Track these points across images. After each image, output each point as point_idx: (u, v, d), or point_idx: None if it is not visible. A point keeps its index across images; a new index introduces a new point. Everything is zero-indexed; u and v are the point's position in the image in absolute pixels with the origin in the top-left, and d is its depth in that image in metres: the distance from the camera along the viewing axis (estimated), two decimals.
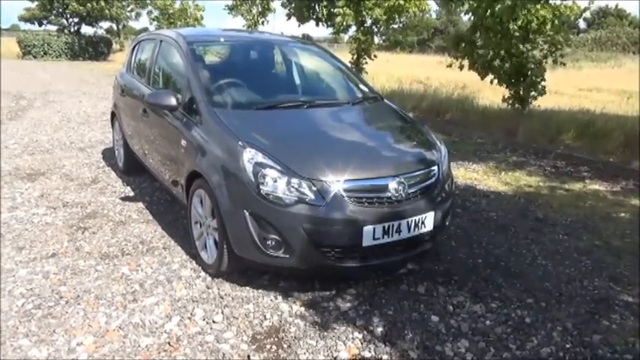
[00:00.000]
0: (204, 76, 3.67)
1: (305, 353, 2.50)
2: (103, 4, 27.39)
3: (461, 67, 8.71)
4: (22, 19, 29.82)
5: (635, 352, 2.60)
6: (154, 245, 3.69)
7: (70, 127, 8.12)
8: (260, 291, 3.06)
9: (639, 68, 15.29)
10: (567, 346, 2.63)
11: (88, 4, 27.01)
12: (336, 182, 2.80)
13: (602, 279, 3.36)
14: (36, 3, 28.46)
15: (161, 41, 4.47)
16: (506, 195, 5.14)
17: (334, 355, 2.49)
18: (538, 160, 6.65)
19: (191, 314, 2.79)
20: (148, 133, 4.31)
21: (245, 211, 2.82)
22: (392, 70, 17.44)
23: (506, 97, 8.61)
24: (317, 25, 14.07)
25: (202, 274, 3.25)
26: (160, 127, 3.97)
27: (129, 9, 30.10)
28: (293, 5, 13.73)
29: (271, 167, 2.83)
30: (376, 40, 13.81)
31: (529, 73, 8.04)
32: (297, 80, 4.50)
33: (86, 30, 30.32)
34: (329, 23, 13.75)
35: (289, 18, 13.99)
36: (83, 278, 3.16)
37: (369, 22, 13.50)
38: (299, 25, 13.96)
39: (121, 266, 3.34)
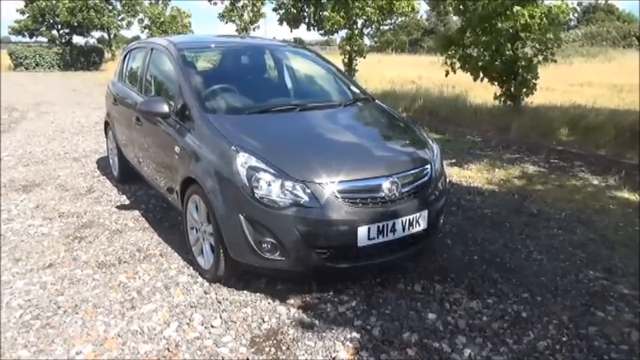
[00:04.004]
0: (195, 82, 3.68)
1: (304, 354, 2.51)
2: (93, 14, 27.36)
3: (453, 70, 8.74)
4: (12, 31, 29.67)
5: (630, 342, 2.63)
6: (150, 252, 3.69)
7: (63, 137, 8.11)
8: (257, 294, 3.07)
9: (639, 62, 15.27)
10: (563, 339, 2.65)
11: (79, 15, 26.98)
12: (330, 184, 2.81)
13: (597, 272, 3.38)
14: (26, 15, 28.37)
15: (152, 49, 4.48)
16: (501, 192, 5.17)
17: (333, 356, 2.50)
18: (531, 156, 6.69)
19: (189, 320, 2.80)
20: (141, 141, 4.31)
21: (240, 215, 2.84)
22: (384, 72, 17.47)
23: (497, 94, 8.67)
24: (308, 29, 14.16)
25: (200, 279, 3.26)
26: (154, 134, 3.98)
27: (119, 17, 30.06)
28: (284, 11, 13.83)
29: (265, 171, 2.84)
30: (367, 41, 13.89)
31: (520, 70, 8.10)
32: (289, 84, 4.53)
33: (77, 40, 30.19)
34: (320, 27, 13.84)
35: (281, 23, 14.08)
36: (81, 287, 3.16)
37: (359, 23, 13.58)
38: (291, 30, 14.06)
39: (119, 274, 3.34)
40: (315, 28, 13.94)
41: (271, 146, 3.07)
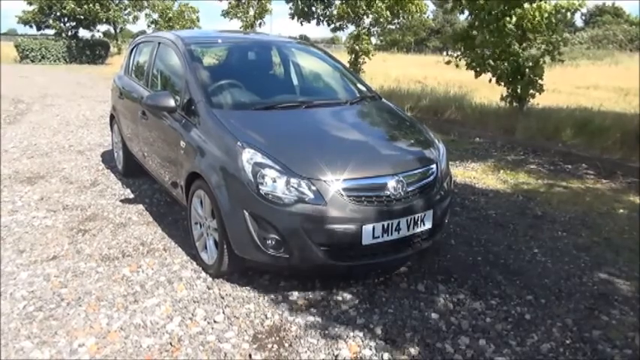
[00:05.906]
0: (202, 77, 3.68)
1: (306, 352, 2.51)
2: (98, 7, 27.38)
3: (457, 65, 8.74)
4: (20, 21, 29.72)
5: (634, 346, 2.61)
6: (154, 247, 3.70)
7: (68, 130, 8.12)
8: (261, 291, 3.06)
9: (639, 66, 15.24)
10: (567, 341, 2.64)
11: (85, 6, 27.00)
12: (335, 181, 2.81)
13: (602, 275, 3.37)
14: (33, 6, 28.40)
15: (159, 43, 4.48)
16: (505, 193, 5.15)
17: (335, 354, 2.50)
18: (536, 157, 6.67)
19: (192, 314, 2.80)
20: (146, 135, 4.32)
21: (245, 211, 2.83)
22: (389, 70, 17.46)
23: (504, 95, 8.64)
24: (318, 24, 14.15)
25: (203, 274, 3.26)
26: (159, 129, 3.98)
27: (126, 12, 30.08)
28: (294, 6, 13.82)
29: (270, 167, 2.84)
30: (374, 40, 13.89)
31: (526, 71, 8.07)
32: (295, 80, 4.52)
33: (84, 34, 30.29)
34: (329, 22, 13.83)
35: (293, 18, 14.06)
36: (84, 280, 3.17)
37: (366, 21, 13.56)
38: (302, 24, 14.07)
39: (122, 268, 3.35)
40: (325, 23, 13.98)
41: (277, 143, 3.07)
